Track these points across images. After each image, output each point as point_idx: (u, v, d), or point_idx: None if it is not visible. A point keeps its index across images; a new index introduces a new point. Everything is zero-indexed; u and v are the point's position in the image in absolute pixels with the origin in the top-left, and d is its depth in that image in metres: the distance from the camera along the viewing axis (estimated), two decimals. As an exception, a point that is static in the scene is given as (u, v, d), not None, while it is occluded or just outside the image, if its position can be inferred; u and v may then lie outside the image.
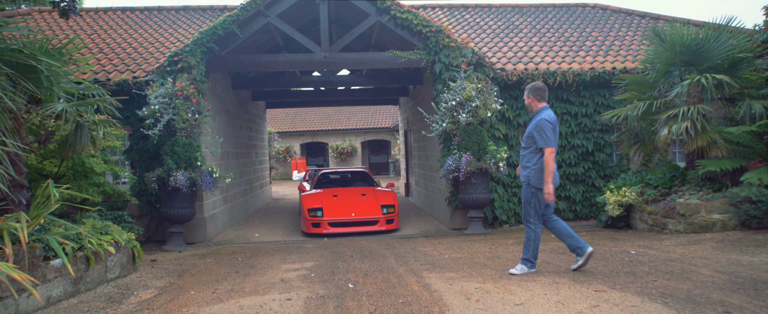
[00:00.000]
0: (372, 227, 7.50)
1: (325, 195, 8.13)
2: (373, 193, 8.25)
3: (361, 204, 7.82)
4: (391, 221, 7.65)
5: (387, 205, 7.77)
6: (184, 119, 6.86)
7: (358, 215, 7.54)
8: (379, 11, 7.68)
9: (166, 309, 3.75)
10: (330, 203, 7.79)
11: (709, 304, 3.03)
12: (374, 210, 7.65)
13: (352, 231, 7.42)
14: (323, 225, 7.43)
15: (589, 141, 8.11)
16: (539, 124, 4.22)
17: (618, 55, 8.52)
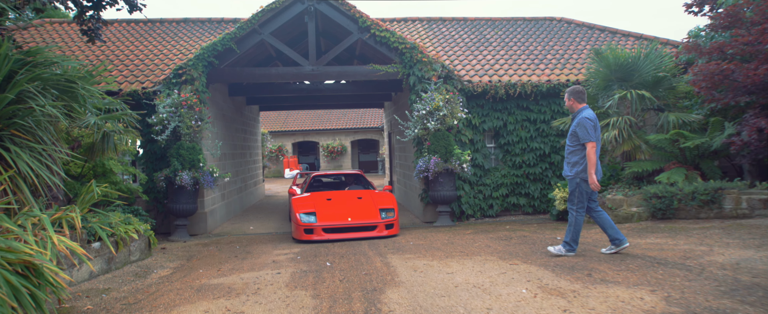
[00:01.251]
0: (370, 233, 7.02)
1: (318, 199, 7.62)
2: (370, 196, 7.76)
3: (357, 208, 7.33)
4: (391, 226, 7.17)
5: (386, 209, 7.31)
6: (188, 125, 7.96)
7: (355, 220, 7.04)
8: (361, 30, 8.80)
9: (183, 282, 4.87)
10: (324, 207, 7.28)
11: (583, 269, 4.20)
12: (372, 214, 7.17)
13: (348, 237, 6.94)
14: (317, 231, 6.92)
15: (547, 144, 9.28)
16: (581, 122, 4.82)
17: (573, 68, 9.70)
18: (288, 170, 22.02)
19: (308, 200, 7.56)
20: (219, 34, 11.08)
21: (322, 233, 6.94)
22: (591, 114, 4.90)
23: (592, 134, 4.76)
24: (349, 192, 8.23)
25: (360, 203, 7.53)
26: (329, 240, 6.89)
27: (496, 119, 9.23)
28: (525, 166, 9.28)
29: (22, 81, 4.23)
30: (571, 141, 4.96)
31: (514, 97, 9.14)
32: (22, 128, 4.38)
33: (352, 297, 3.78)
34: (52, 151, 4.58)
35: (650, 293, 3.37)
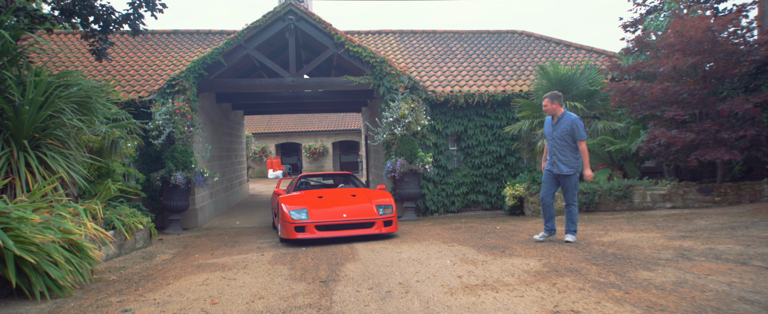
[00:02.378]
0: (367, 231, 6.72)
1: (309, 196, 7.35)
2: (364, 193, 7.54)
3: (352, 205, 7.05)
4: (390, 223, 6.91)
5: (383, 205, 7.03)
6: (181, 131, 9.13)
7: (351, 217, 6.75)
8: (336, 45, 10.04)
9: (184, 262, 6.05)
10: (316, 204, 7.02)
11: (502, 249, 5.48)
12: (369, 211, 6.89)
13: (344, 235, 6.65)
14: (309, 229, 6.61)
15: (502, 147, 10.61)
16: (576, 122, 5.42)
17: (527, 79, 11.04)
18: (271, 171, 23.13)
19: (298, 198, 7.24)
20: (206, 45, 12.25)
21: (314, 231, 6.57)
22: (577, 116, 5.58)
23: (584, 133, 5.44)
24: (341, 190, 7.93)
25: (355, 199, 7.21)
26: (323, 238, 6.56)
27: (457, 125, 10.54)
28: (483, 167, 10.59)
29: (56, 101, 5.39)
30: (564, 141, 5.47)
31: (474, 105, 10.46)
32: (54, 137, 5.53)
33: (319, 268, 5.02)
34: (77, 155, 5.74)
35: (537, 261, 4.66)
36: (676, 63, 6.73)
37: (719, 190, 7.21)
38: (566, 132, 5.49)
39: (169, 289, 4.44)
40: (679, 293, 3.32)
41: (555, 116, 5.66)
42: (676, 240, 5.21)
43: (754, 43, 6.57)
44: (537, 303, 3.33)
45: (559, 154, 5.55)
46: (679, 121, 7.07)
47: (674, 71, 6.94)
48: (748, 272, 3.76)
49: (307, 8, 10.31)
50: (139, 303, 3.99)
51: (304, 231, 6.63)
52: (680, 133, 6.80)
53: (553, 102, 5.59)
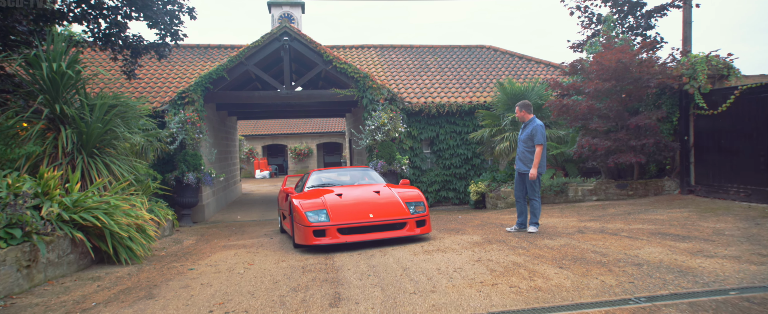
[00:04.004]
0: (398, 233, 6.18)
1: (328, 195, 6.65)
2: (389, 190, 6.90)
3: (378, 204, 6.42)
4: (423, 223, 6.38)
5: (414, 202, 6.47)
6: (191, 138, 10.87)
7: (379, 217, 6.14)
8: (325, 62, 11.88)
9: (209, 245, 7.82)
10: (336, 203, 6.35)
11: (459, 231, 7.38)
12: (398, 210, 6.30)
13: (371, 239, 6.08)
14: (330, 233, 5.98)
15: (469, 151, 12.57)
16: (538, 129, 6.23)
17: (491, 91, 13.01)
18: (258, 171, 24.81)
19: (314, 197, 6.60)
20: (206, 58, 13.97)
21: (337, 234, 5.96)
22: (542, 123, 6.30)
23: (541, 139, 6.28)
24: (362, 186, 7.34)
25: (380, 197, 6.58)
26: (347, 243, 5.96)
27: (430, 131, 12.47)
28: (453, 167, 12.54)
29: (114, 118, 7.13)
30: (527, 144, 6.34)
31: (445, 114, 12.40)
32: (111, 146, 7.27)
33: (320, 245, 6.87)
34: (126, 160, 7.49)
35: (479, 237, 6.57)
36: (596, 86, 8.76)
37: (632, 186, 9.28)
38: (529, 136, 6.37)
39: (211, 259, 6.24)
40: (560, 251, 5.26)
41: (523, 122, 6.56)
42: (585, 222, 7.20)
43: (654, 73, 8.62)
44: (469, 257, 5.23)
45: (521, 153, 6.47)
46: (601, 131, 9.10)
47: (597, 92, 8.97)
48: (613, 239, 5.73)
49: (299, 29, 12.14)
50: (195, 265, 5.80)
51: (325, 236, 5.94)
52: (601, 141, 8.83)
53: (521, 110, 6.51)
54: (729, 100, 8.11)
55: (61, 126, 6.76)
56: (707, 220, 6.69)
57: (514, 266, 4.66)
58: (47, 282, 4.86)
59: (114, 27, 8.76)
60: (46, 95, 6.62)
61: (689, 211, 7.47)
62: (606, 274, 4.15)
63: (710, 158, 8.69)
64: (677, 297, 3.42)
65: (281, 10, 14.69)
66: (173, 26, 8.74)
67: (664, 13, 11.47)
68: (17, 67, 6.69)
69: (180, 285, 4.70)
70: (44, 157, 6.64)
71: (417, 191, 6.87)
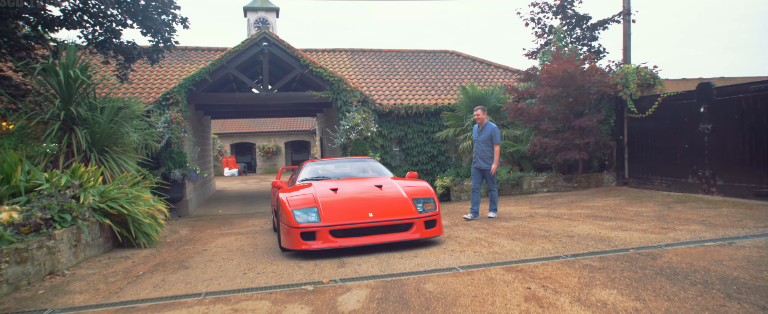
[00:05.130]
0: (403, 235, 5.38)
1: (320, 190, 5.91)
2: (393, 184, 6.10)
3: (380, 201, 5.60)
4: (433, 224, 5.58)
5: (423, 199, 5.69)
6: (177, 136, 11.74)
7: (379, 217, 5.34)
8: (302, 66, 12.94)
9: (206, 233, 8.79)
10: (330, 200, 5.57)
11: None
12: (403, 208, 5.49)
13: (370, 243, 5.26)
14: (321, 236, 5.21)
15: (434, 149, 13.91)
16: (496, 130, 7.37)
17: (455, 94, 14.40)
18: (227, 169, 25.49)
19: (305, 192, 5.84)
20: (185, 60, 14.76)
21: (329, 238, 5.19)
22: (496, 126, 7.57)
23: (499, 139, 7.47)
24: (361, 180, 6.59)
25: (382, 193, 5.78)
26: (342, 247, 5.20)
27: (400, 130, 13.73)
28: (420, 164, 13.84)
29: (121, 119, 8.04)
30: (487, 144, 7.44)
31: (412, 115, 13.69)
32: (116, 144, 8.17)
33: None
34: (130, 156, 8.40)
35: (447, 221, 7.82)
36: (546, 93, 10.24)
37: (577, 179, 10.82)
38: (488, 137, 7.47)
39: (217, 243, 7.28)
40: (513, 229, 6.60)
41: (481, 124, 7.50)
42: (535, 209, 8.61)
43: (595, 81, 10.15)
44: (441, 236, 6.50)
45: (480, 153, 7.53)
46: (550, 131, 10.58)
47: (547, 97, 10.45)
48: (556, 221, 7.11)
49: (277, 34, 13.15)
50: (206, 247, 6.84)
51: (315, 239, 5.17)
52: (551, 140, 10.31)
53: (484, 112, 7.53)
54: (654, 105, 9.72)
55: (74, 127, 7.63)
56: (633, 205, 8.21)
57: (476, 239, 5.95)
58: (86, 260, 5.82)
59: (109, 33, 9.57)
60: (61, 99, 7.49)
61: (621, 199, 9.00)
62: (546, 243, 5.49)
63: (641, 154, 10.30)
64: (593, 254, 4.77)
65: (257, 14, 15.62)
66: (167, 34, 9.63)
67: (606, 26, 13.11)
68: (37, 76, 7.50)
69: (205, 260, 5.76)
70: (60, 154, 7.50)
71: (425, 185, 6.01)
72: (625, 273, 3.97)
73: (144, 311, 3.72)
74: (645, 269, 4.08)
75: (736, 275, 3.75)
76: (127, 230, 6.66)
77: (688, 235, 5.50)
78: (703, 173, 8.78)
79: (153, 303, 3.92)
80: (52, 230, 5.16)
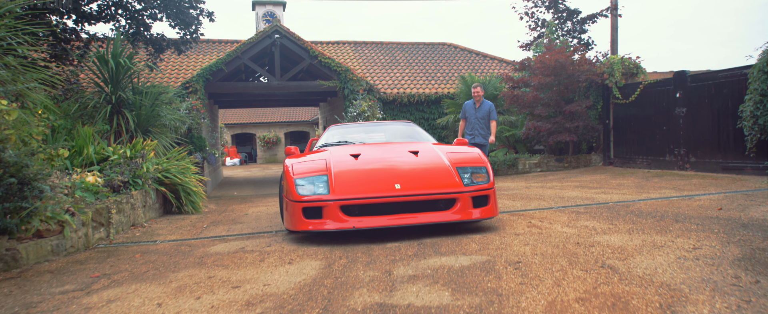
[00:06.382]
0: (441, 215, 4.19)
1: (337, 155, 4.88)
2: (433, 150, 4.95)
3: (412, 169, 4.47)
4: (484, 201, 4.38)
5: (471, 167, 4.49)
6: (197, 122, 12.80)
7: (409, 190, 4.19)
8: (311, 57, 14.04)
9: (230, 208, 9.88)
10: (345, 168, 4.50)
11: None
12: (443, 178, 4.33)
13: (396, 224, 4.11)
14: (330, 212, 4.13)
15: (435, 134, 15.05)
16: (492, 107, 8.10)
17: (453, 84, 15.57)
18: (229, 159, 26.50)
19: (316, 157, 4.88)
20: (199, 52, 15.77)
21: (339, 216, 4.12)
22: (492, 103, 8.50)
23: (496, 115, 8.27)
24: (393, 144, 5.53)
25: (417, 160, 4.66)
26: (357, 229, 4.09)
27: (403, 118, 14.87)
28: (421, 149, 15.00)
29: (161, 103, 9.10)
30: (484, 120, 8.10)
31: (415, 103, 14.84)
32: (157, 125, 9.24)
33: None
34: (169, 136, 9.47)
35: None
36: (539, 81, 11.45)
37: (568, 159, 12.07)
38: (486, 113, 8.13)
39: (253, 210, 8.38)
40: (512, 195, 7.78)
41: (478, 102, 8.19)
42: (531, 183, 9.82)
43: (584, 70, 11.37)
44: (450, 201, 7.65)
45: (480, 129, 8.15)
46: (543, 116, 11.79)
47: (540, 85, 11.66)
48: (549, 190, 8.33)
49: (287, 27, 14.23)
50: (246, 213, 7.94)
51: (322, 217, 4.16)
52: (543, 124, 11.52)
53: (482, 90, 8.32)
54: (636, 92, 10.96)
55: (122, 110, 8.69)
56: (616, 179, 9.46)
57: (482, 201, 7.13)
58: (150, 220, 6.92)
59: (140, 26, 10.60)
60: (112, 85, 8.54)
61: (606, 175, 10.25)
62: (541, 202, 6.69)
63: (625, 137, 11.55)
64: (579, 205, 5.97)
65: (265, 8, 16.66)
66: (194, 26, 10.68)
67: (595, 20, 14.34)
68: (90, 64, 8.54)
69: (252, 219, 6.88)
70: (111, 134, 8.56)
71: (476, 152, 4.85)
72: (604, 213, 5.17)
73: (231, 240, 4.84)
74: (619, 211, 5.28)
75: (686, 212, 4.95)
76: (177, 197, 7.75)
77: (658, 195, 6.72)
78: (678, 152, 10.04)
79: (235, 236, 5.05)
80: (129, 191, 6.26)
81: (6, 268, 3.73)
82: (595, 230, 4.21)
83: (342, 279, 3.03)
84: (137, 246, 4.84)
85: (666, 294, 2.34)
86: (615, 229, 4.24)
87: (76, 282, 3.40)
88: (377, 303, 2.46)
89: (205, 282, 3.17)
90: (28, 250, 3.89)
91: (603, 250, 3.39)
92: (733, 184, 7.57)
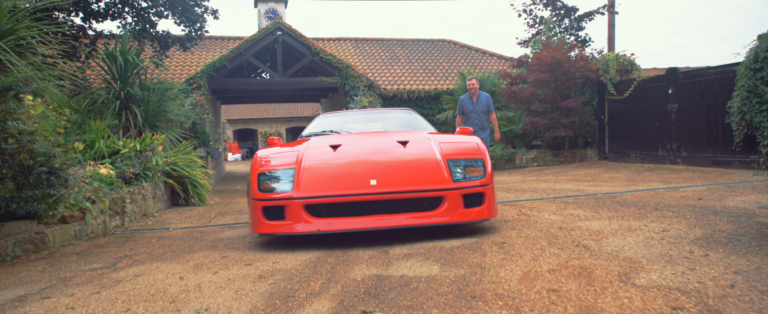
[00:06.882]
0: (424, 217, 3.66)
1: (314, 146, 4.37)
2: (425, 140, 4.35)
3: (394, 161, 3.95)
4: (478, 201, 3.80)
5: (465, 159, 3.93)
6: (201, 117, 13.16)
7: (387, 186, 3.66)
8: (313, 54, 14.38)
9: (235, 201, 10.25)
10: (318, 161, 3.99)
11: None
12: (430, 173, 3.79)
13: (369, 227, 3.60)
14: (292, 212, 3.64)
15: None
16: (490, 99, 8.06)
17: (452, 80, 15.90)
18: (230, 154, 26.86)
19: (290, 149, 4.37)
20: (201, 48, 16.10)
21: (303, 216, 3.64)
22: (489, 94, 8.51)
23: (493, 107, 8.31)
24: (382, 134, 5.02)
25: (403, 151, 4.12)
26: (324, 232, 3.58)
27: (402, 114, 15.21)
28: (421, 144, 15.34)
29: (167, 98, 9.45)
30: (484, 113, 8.07)
31: (414, 99, 15.18)
32: (163, 120, 9.59)
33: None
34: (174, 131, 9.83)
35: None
36: (536, 77, 11.78)
37: (563, 154, 12.41)
38: (485, 107, 8.14)
39: (256, 203, 8.73)
40: (507, 188, 8.13)
41: (475, 96, 8.15)
42: (526, 177, 10.17)
43: (579, 67, 11.70)
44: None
45: (480, 123, 8.08)
46: (540, 112, 12.13)
47: (537, 81, 11.99)
48: (543, 183, 8.68)
49: (290, 25, 14.56)
50: (251, 205, 8.29)
51: (284, 217, 3.68)
52: (540, 119, 11.86)
53: (478, 82, 8.30)
54: (630, 88, 11.30)
55: (130, 105, 9.04)
56: (609, 173, 9.80)
57: (477, 193, 7.48)
58: (159, 211, 7.28)
59: (146, 24, 10.94)
60: (120, 81, 8.89)
61: (600, 169, 10.59)
62: (533, 193, 7.04)
63: (619, 132, 11.89)
64: (569, 197, 6.33)
65: (267, 5, 16.99)
66: (199, 24, 11.02)
67: (592, 17, 14.66)
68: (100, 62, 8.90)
69: (258, 210, 7.23)
70: (120, 128, 8.91)
71: (474, 141, 4.25)
72: (591, 203, 5.52)
73: (240, 227, 5.19)
74: (605, 201, 5.63)
75: (667, 202, 5.30)
76: (185, 189, 8.11)
77: (645, 187, 7.08)
78: (670, 147, 10.38)
79: (243, 224, 5.41)
80: (140, 183, 6.62)
81: (36, 250, 4.08)
82: (579, 218, 4.56)
83: (343, 257, 3.38)
84: (151, 232, 5.20)
85: (626, 265, 2.69)
86: (597, 216, 4.58)
87: (102, 261, 3.76)
88: (375, 275, 2.81)
89: (219, 261, 3.53)
90: (54, 234, 4.25)
91: (582, 233, 3.74)
92: (720, 177, 7.91)
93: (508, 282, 2.51)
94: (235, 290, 2.69)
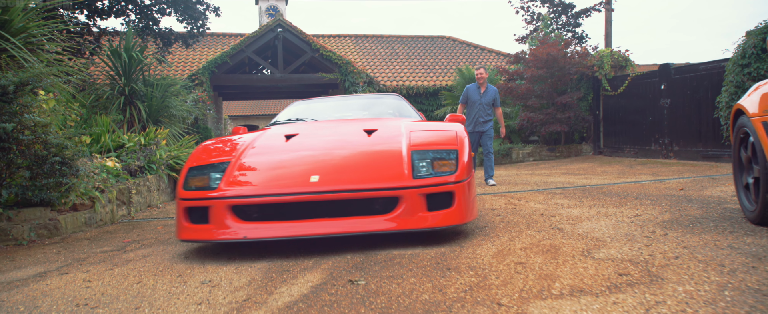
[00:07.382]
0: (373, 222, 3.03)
1: (267, 136, 3.91)
2: (396, 128, 3.83)
3: (346, 156, 3.36)
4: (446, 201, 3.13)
5: (433, 151, 3.28)
6: (203, 113, 13.46)
7: (331, 184, 3.07)
8: (313, 50, 14.66)
9: (238, 193, 10.55)
10: (260, 154, 3.50)
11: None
12: (384, 168, 3.19)
13: (306, 234, 2.98)
14: (216, 214, 3.09)
15: (433, 126, 15.69)
16: (497, 93, 7.66)
17: (451, 76, 16.16)
18: (232, 150, 27.21)
19: (235, 139, 3.97)
20: (202, 45, 16.39)
21: (231, 220, 3.09)
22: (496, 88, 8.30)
23: (500, 102, 7.90)
24: (350, 121, 4.46)
25: (363, 141, 3.58)
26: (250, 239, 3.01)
27: (401, 109, 15.49)
28: (420, 140, 15.62)
29: (170, 94, 9.74)
30: (490, 106, 7.57)
31: (413, 95, 15.44)
32: (166, 115, 9.88)
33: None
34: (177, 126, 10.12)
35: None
36: (532, 73, 12.03)
37: (559, 149, 12.67)
38: (491, 99, 7.62)
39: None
40: (500, 181, 8.39)
41: (483, 86, 7.62)
42: (521, 171, 10.44)
43: (575, 63, 11.95)
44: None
45: (484, 115, 7.58)
46: (536, 107, 12.39)
47: (533, 78, 12.24)
48: (538, 177, 8.95)
49: (290, 21, 14.84)
50: (252, 197, 8.58)
51: (208, 221, 3.13)
52: (536, 115, 12.12)
53: (486, 72, 7.73)
54: (624, 84, 11.55)
55: (134, 100, 9.33)
56: (602, 167, 10.06)
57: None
58: (163, 203, 7.57)
59: (149, 21, 11.23)
60: (125, 77, 9.18)
61: (594, 163, 10.85)
62: (525, 186, 7.32)
63: (614, 127, 12.15)
64: (558, 189, 6.60)
65: (267, 2, 17.26)
66: (201, 21, 11.30)
67: (588, 14, 14.89)
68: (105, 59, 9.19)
69: (258, 201, 7.52)
70: (124, 123, 9.21)
71: (452, 130, 3.67)
72: (577, 194, 5.79)
73: (241, 218, 5.48)
74: (591, 192, 5.91)
75: (650, 192, 5.57)
76: (188, 183, 8.41)
77: (634, 179, 7.35)
78: (663, 141, 10.64)
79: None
80: (145, 176, 6.91)
81: (49, 235, 4.38)
82: (563, 206, 4.83)
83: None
84: (157, 221, 5.50)
85: (591, 243, 2.96)
86: (580, 205, 4.86)
87: (112, 244, 4.06)
88: (362, 253, 3.09)
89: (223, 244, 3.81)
90: (66, 221, 4.55)
91: (560, 219, 4.01)
92: (708, 170, 8.17)
93: (482, 257, 2.79)
94: (235, 266, 2.97)
